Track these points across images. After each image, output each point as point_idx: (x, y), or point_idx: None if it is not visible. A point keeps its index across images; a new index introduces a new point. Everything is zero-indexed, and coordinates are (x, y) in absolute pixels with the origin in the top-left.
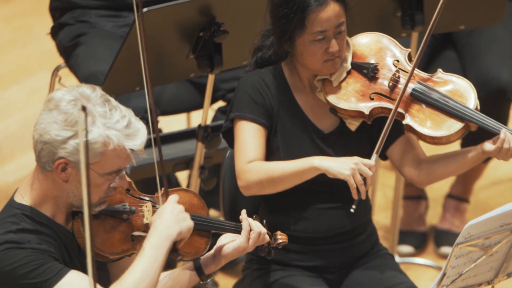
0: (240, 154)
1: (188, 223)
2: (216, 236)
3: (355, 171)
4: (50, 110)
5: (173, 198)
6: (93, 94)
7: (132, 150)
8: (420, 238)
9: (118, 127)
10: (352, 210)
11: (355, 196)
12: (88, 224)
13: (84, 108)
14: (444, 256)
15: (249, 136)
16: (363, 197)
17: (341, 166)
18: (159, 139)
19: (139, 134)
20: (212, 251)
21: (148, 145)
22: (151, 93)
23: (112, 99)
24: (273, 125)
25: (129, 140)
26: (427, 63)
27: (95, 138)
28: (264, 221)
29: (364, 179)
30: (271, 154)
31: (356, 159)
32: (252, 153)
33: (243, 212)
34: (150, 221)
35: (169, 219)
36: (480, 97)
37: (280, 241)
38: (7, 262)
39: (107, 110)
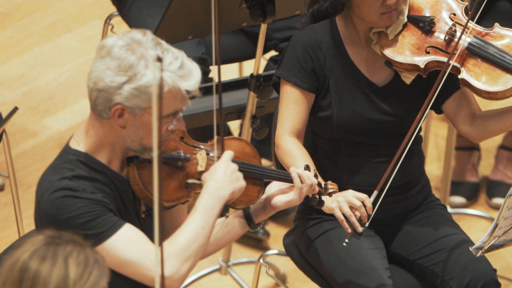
0: (280, 120)
1: (241, 183)
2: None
3: (342, 203)
4: (102, 57)
5: (227, 155)
6: (144, 38)
7: (187, 91)
8: (472, 189)
9: (172, 69)
10: (344, 244)
11: (346, 229)
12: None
13: (159, 59)
14: (496, 207)
15: (290, 102)
16: (358, 229)
17: (329, 199)
18: (220, 87)
19: (192, 75)
20: (261, 201)
21: (203, 92)
22: (218, 44)
23: (163, 42)
24: (325, 84)
25: (183, 81)
26: (481, 15)
27: (150, 81)
28: (315, 171)
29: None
30: (322, 111)
31: (348, 192)
32: (290, 123)
33: (292, 169)
34: (205, 177)
35: (222, 179)
36: None
37: (330, 190)
38: (63, 210)
39: (159, 53)
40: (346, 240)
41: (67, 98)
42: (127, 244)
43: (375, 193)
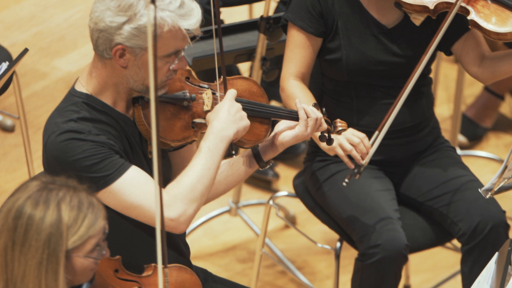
0: (286, 63)
1: (245, 122)
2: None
3: (341, 140)
4: None
5: (230, 94)
6: None
7: (188, 30)
8: (482, 133)
9: (171, 8)
10: (344, 184)
11: (349, 165)
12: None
13: (153, 1)
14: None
15: (296, 46)
16: (360, 162)
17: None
18: (220, 30)
19: (193, 14)
20: (270, 138)
21: (209, 36)
22: None
23: None
24: (333, 26)
25: (184, 20)
26: None
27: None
28: (324, 109)
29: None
30: (331, 53)
31: (347, 131)
32: (295, 67)
33: (297, 101)
34: (209, 117)
35: (226, 119)
36: None
37: (339, 128)
38: (69, 153)
39: None
40: (346, 180)
41: (78, 40)
42: (133, 186)
43: (376, 133)
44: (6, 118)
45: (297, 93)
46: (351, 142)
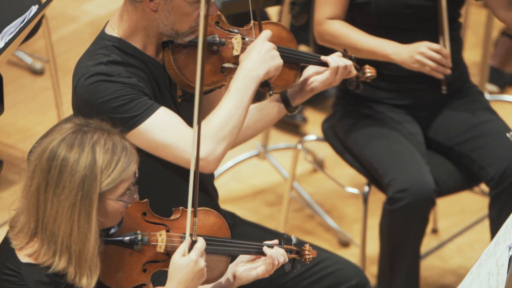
0: (319, 7)
1: (277, 61)
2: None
3: (424, 60)
4: None
5: (265, 34)
6: None
7: None
8: (509, 79)
9: None
10: (443, 92)
11: (439, 76)
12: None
13: None
14: None
15: None
16: (446, 72)
17: (410, 61)
18: None
19: None
20: (298, 84)
21: None
22: None
23: None
24: None
25: None
26: None
27: None
28: (353, 55)
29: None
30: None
31: (421, 47)
32: (330, 10)
33: (322, 57)
34: (240, 58)
35: (256, 59)
36: None
37: (368, 74)
38: (98, 94)
39: None
40: (444, 87)
41: None
42: (162, 126)
43: (440, 38)
44: (35, 61)
45: (340, 29)
46: (432, 58)
